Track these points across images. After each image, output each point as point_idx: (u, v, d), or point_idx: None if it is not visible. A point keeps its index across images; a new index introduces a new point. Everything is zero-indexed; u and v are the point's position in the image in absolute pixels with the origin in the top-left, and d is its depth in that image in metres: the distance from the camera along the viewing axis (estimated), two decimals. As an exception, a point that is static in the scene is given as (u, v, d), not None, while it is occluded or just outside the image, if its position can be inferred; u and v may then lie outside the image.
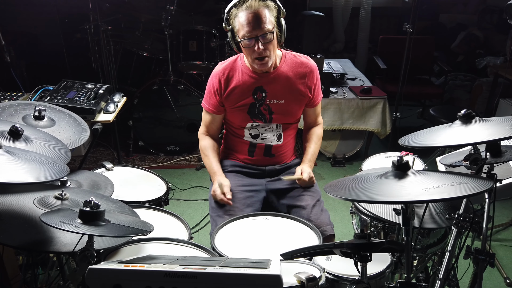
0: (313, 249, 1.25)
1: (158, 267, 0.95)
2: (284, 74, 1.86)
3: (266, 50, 1.72)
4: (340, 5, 5.10)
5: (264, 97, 1.86)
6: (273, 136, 1.93)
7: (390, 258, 1.45)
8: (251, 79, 1.85)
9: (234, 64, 1.89)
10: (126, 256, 1.38)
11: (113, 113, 2.46)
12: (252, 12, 1.67)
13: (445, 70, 4.41)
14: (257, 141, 1.93)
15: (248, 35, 1.69)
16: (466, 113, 1.31)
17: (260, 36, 1.68)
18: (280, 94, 1.87)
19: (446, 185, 1.05)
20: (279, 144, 1.95)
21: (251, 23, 1.67)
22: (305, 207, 1.80)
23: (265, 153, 1.95)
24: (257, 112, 1.89)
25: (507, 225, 2.93)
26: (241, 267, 0.98)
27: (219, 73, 1.88)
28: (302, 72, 1.88)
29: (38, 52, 4.03)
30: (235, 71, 1.88)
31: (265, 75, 1.85)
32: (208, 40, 3.65)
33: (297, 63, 1.89)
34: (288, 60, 1.88)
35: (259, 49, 1.69)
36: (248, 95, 1.86)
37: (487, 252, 1.33)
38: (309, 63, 1.91)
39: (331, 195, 1.15)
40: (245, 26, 1.68)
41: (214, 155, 1.95)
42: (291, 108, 1.90)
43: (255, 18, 1.67)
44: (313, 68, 1.91)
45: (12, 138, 1.46)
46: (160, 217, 1.74)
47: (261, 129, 1.92)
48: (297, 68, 1.88)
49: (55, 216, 1.11)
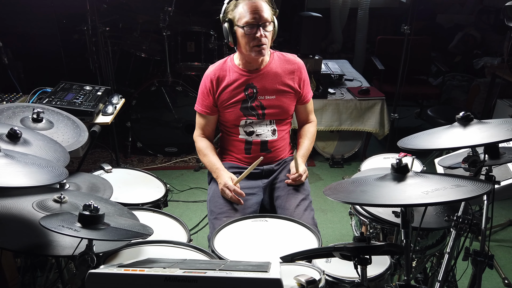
0: (312, 252, 1.25)
1: (158, 271, 0.95)
2: (273, 70, 1.92)
3: (265, 39, 1.78)
4: (337, 5, 5.11)
5: (255, 93, 1.91)
6: (268, 131, 1.96)
7: (390, 260, 1.46)
8: (242, 77, 1.90)
9: (224, 65, 1.94)
10: (126, 259, 1.38)
11: (112, 115, 2.46)
12: (255, 2, 1.75)
13: (443, 71, 4.42)
14: (253, 137, 1.95)
15: (251, 21, 1.75)
16: (465, 115, 1.31)
17: (261, 24, 1.75)
18: (271, 90, 1.91)
19: (445, 188, 1.06)
20: (274, 139, 1.97)
21: (254, 11, 1.74)
22: (288, 208, 1.83)
23: (261, 149, 1.96)
24: (250, 108, 1.92)
25: (505, 226, 2.94)
26: (241, 271, 0.98)
27: (210, 75, 1.93)
28: (291, 69, 1.94)
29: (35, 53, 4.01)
30: (226, 71, 1.93)
31: (255, 72, 1.90)
32: (206, 41, 3.65)
33: (285, 60, 1.96)
34: (276, 58, 1.95)
35: (261, 36, 1.76)
36: (240, 92, 1.90)
37: (486, 253, 1.33)
38: (296, 60, 1.98)
39: (331, 198, 1.16)
40: (249, 14, 1.75)
41: (213, 154, 1.98)
42: (282, 103, 1.94)
43: (259, 7, 1.75)
44: (301, 65, 1.97)
45: (11, 141, 1.45)
46: (159, 219, 1.74)
47: (255, 125, 1.95)
48: (285, 64, 1.94)
49: (54, 220, 1.11)
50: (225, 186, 1.83)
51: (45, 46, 3.96)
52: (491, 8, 5.40)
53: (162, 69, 3.85)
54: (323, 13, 3.47)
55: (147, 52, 3.90)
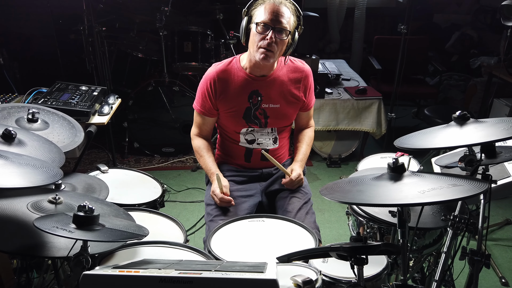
0: (309, 252, 1.24)
1: (153, 272, 0.95)
2: (280, 78, 1.85)
3: (274, 45, 1.68)
4: (334, 5, 5.11)
5: (259, 101, 1.85)
6: (269, 140, 1.92)
7: (386, 260, 1.45)
8: (247, 82, 1.83)
9: (228, 66, 1.85)
10: (121, 260, 1.37)
11: (108, 115, 2.45)
12: (279, 6, 1.68)
13: (440, 70, 4.42)
14: (253, 146, 1.92)
15: (267, 22, 1.67)
16: (461, 114, 1.31)
17: (276, 28, 1.68)
18: (276, 98, 1.86)
19: (441, 188, 1.05)
20: (275, 148, 1.94)
21: (275, 13, 1.67)
22: (290, 211, 1.80)
23: (262, 157, 1.92)
24: (253, 116, 1.87)
25: (502, 225, 2.94)
26: (237, 271, 0.97)
27: (212, 76, 1.83)
28: (298, 77, 1.88)
29: (31, 54, 4.00)
30: (230, 73, 1.84)
31: (262, 79, 1.83)
32: (203, 41, 3.64)
33: (293, 67, 1.88)
34: (284, 65, 1.87)
35: (271, 39, 1.67)
36: (244, 99, 1.84)
37: (482, 253, 1.33)
38: (304, 67, 1.91)
39: (327, 197, 1.15)
40: (268, 14, 1.67)
41: (209, 155, 1.94)
42: (286, 112, 1.90)
43: (280, 12, 1.67)
44: (308, 73, 1.91)
45: (5, 141, 1.44)
46: (156, 220, 1.73)
47: (257, 133, 1.90)
48: (293, 72, 1.88)
49: (48, 221, 1.10)
50: (213, 193, 1.82)
51: (41, 46, 3.95)
52: (487, 8, 5.41)
53: (159, 69, 3.84)
54: (320, 13, 3.47)
55: (143, 52, 3.88)
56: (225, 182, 1.84)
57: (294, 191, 1.89)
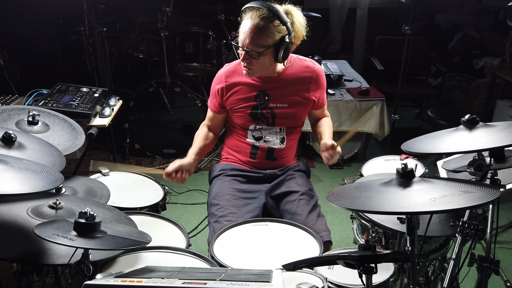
0: (315, 260, 1.22)
1: (157, 282, 0.92)
2: (289, 78, 1.85)
3: (250, 64, 1.72)
4: (336, 6, 5.08)
5: (267, 101, 1.85)
6: (276, 139, 1.91)
7: (393, 267, 1.43)
8: (255, 83, 1.85)
9: (238, 66, 1.88)
10: (123, 267, 1.34)
11: (109, 117, 2.42)
12: (250, 25, 1.66)
13: (442, 71, 4.40)
14: (260, 143, 1.92)
15: (240, 42, 1.70)
16: (470, 118, 1.28)
17: (247, 50, 1.69)
18: (284, 98, 1.85)
19: (453, 195, 1.02)
20: (281, 148, 1.93)
21: (245, 34, 1.67)
22: (301, 214, 1.78)
23: (267, 156, 1.92)
24: (260, 115, 1.87)
25: (506, 227, 2.92)
26: (242, 281, 0.94)
27: (222, 76, 1.89)
28: (308, 77, 1.87)
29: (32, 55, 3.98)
30: (239, 74, 1.87)
31: (269, 79, 1.84)
32: (205, 41, 3.62)
33: (303, 67, 1.88)
34: (294, 64, 1.87)
35: (243, 59, 1.72)
36: (251, 99, 1.85)
37: (491, 259, 1.31)
38: (314, 67, 1.90)
39: (334, 204, 1.12)
40: (241, 34, 1.69)
41: (199, 142, 1.95)
42: (295, 112, 1.89)
43: (249, 31, 1.66)
44: (319, 72, 1.90)
45: (5, 145, 1.42)
46: (158, 224, 1.70)
47: (264, 131, 1.91)
48: (303, 72, 1.87)
49: (49, 228, 1.07)
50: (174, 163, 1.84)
51: (41, 47, 3.93)
52: (490, 8, 5.39)
53: (160, 70, 3.81)
54: (322, 14, 3.46)
55: (145, 53, 3.86)
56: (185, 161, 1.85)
57: (301, 194, 1.86)
